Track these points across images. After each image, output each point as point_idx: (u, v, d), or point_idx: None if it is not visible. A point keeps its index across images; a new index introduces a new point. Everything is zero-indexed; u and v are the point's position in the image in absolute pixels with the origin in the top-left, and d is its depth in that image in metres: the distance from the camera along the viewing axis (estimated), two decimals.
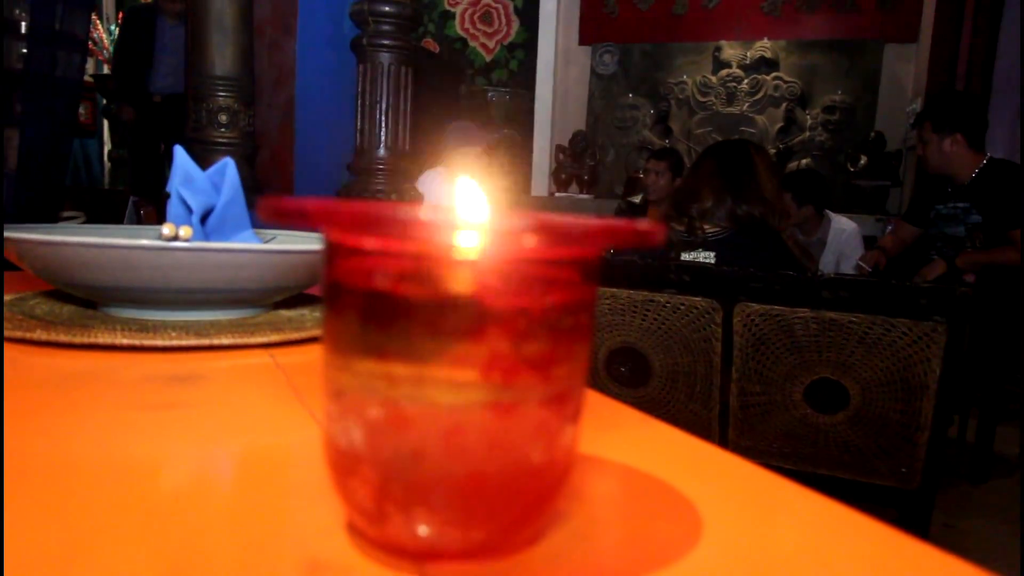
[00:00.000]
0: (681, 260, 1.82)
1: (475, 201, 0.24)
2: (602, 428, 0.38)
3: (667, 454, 0.35)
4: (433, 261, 0.20)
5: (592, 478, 0.30)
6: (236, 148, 2.26)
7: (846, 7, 4.73)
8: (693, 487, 0.29)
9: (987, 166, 2.60)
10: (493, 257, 0.20)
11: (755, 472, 0.32)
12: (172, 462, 0.32)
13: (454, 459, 0.21)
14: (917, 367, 1.62)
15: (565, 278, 0.21)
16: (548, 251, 0.21)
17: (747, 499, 0.30)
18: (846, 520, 0.28)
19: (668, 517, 0.27)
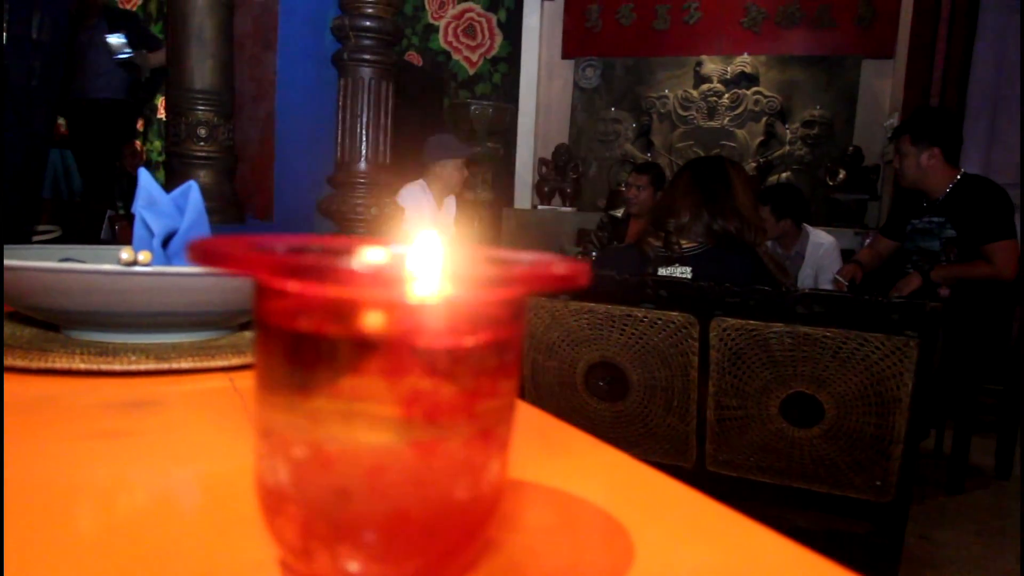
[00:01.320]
0: (658, 275, 1.84)
1: (421, 245, 0.24)
2: (542, 452, 0.38)
3: (604, 478, 0.35)
4: (354, 303, 0.20)
5: (527, 505, 0.30)
6: (215, 162, 2.26)
7: (824, 23, 4.80)
8: (628, 512, 0.30)
9: (961, 181, 2.64)
10: (415, 298, 0.20)
11: (690, 496, 0.33)
12: (116, 492, 0.32)
13: (378, 497, 0.21)
14: (890, 381, 1.64)
15: (489, 318, 0.22)
16: (471, 293, 0.21)
17: (681, 524, 0.31)
18: (774, 546, 0.28)
19: (601, 544, 0.28)
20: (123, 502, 0.31)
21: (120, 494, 0.32)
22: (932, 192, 2.68)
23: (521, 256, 0.26)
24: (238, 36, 2.34)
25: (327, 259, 0.22)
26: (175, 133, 2.24)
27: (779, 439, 1.79)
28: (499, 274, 0.21)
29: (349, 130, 2.50)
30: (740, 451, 1.85)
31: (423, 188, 3.23)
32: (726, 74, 4.86)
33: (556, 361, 1.96)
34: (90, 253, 0.69)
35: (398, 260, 0.25)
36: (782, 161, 4.76)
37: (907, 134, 2.70)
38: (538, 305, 1.92)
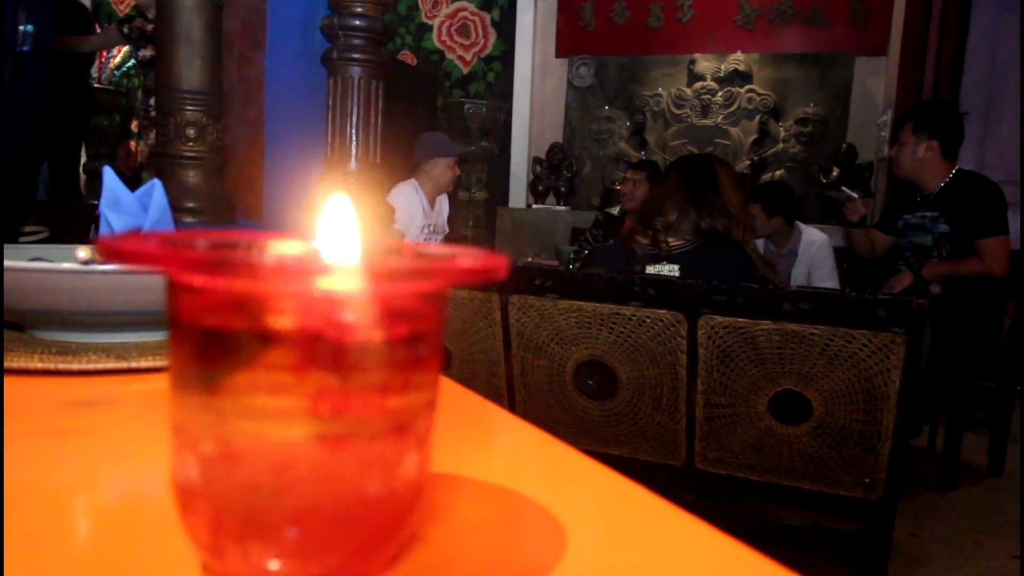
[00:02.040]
0: (646, 273, 1.84)
1: (333, 233, 0.24)
2: (479, 444, 0.38)
3: (541, 471, 0.35)
4: (259, 297, 0.20)
5: (458, 499, 0.30)
6: (204, 162, 2.25)
7: (818, 21, 4.80)
8: (563, 505, 0.30)
9: (956, 176, 2.64)
10: (321, 293, 0.20)
11: (623, 485, 0.33)
12: (58, 491, 0.32)
13: (287, 493, 0.21)
14: (877, 378, 1.64)
15: (400, 312, 0.22)
16: (379, 287, 0.21)
17: (613, 514, 0.30)
18: (708, 539, 0.28)
19: (533, 537, 0.27)
20: (63, 501, 0.31)
21: (61, 493, 0.31)
22: (926, 186, 2.69)
23: (437, 249, 0.25)
24: (227, 36, 2.34)
25: (233, 254, 0.22)
26: (163, 133, 2.23)
27: (768, 437, 1.79)
28: (407, 267, 0.21)
29: (339, 130, 2.49)
30: (729, 449, 1.85)
31: (415, 187, 3.23)
32: (719, 72, 4.86)
33: (545, 360, 1.96)
34: (67, 253, 0.68)
35: (306, 254, 0.25)
36: (776, 159, 4.76)
37: (911, 122, 2.71)
38: (527, 303, 1.92)
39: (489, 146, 5.34)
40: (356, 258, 0.23)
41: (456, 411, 0.46)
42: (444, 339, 0.25)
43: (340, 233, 0.24)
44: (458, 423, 0.43)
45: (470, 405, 0.47)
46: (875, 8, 4.66)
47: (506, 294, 1.93)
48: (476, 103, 5.25)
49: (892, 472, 1.71)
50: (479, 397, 0.49)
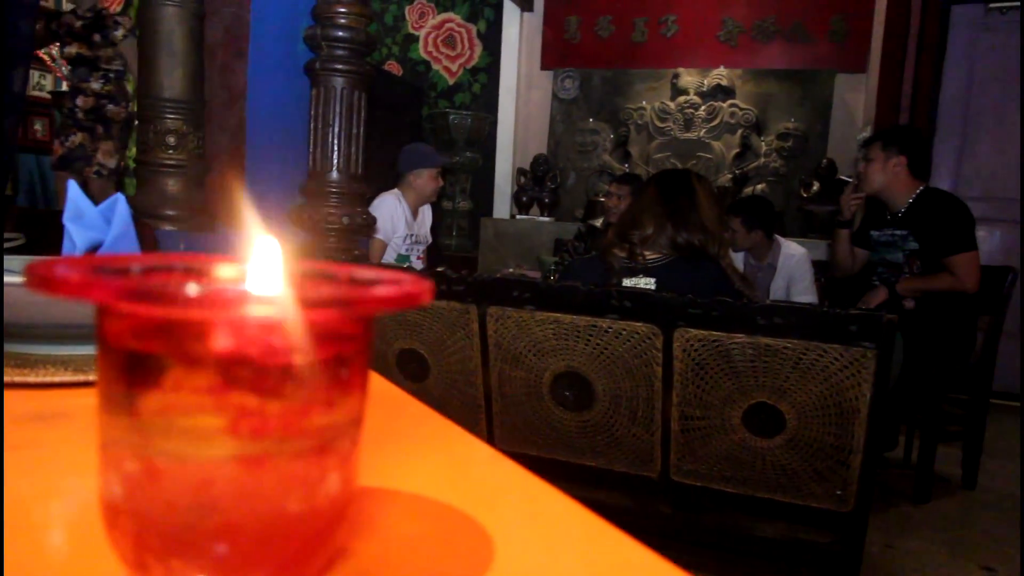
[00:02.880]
0: (623, 286, 1.85)
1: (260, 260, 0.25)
2: (416, 457, 0.39)
3: (475, 483, 0.36)
4: (180, 322, 0.21)
5: (390, 514, 0.31)
6: (185, 170, 2.25)
7: (799, 38, 4.87)
8: (493, 516, 0.30)
9: (922, 194, 2.69)
10: (241, 317, 0.21)
11: (551, 496, 0.34)
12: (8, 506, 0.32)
13: (207, 511, 0.22)
14: (849, 392, 1.66)
15: (320, 336, 0.23)
16: (297, 314, 0.22)
17: (545, 527, 0.31)
18: (634, 553, 0.29)
19: (460, 549, 0.28)
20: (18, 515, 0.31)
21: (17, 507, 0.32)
22: (894, 203, 2.73)
23: (365, 273, 0.26)
24: (209, 45, 2.34)
25: (154, 281, 0.22)
26: (144, 141, 2.23)
27: (742, 449, 1.81)
28: (326, 295, 0.22)
29: (321, 140, 2.50)
30: (704, 461, 1.86)
31: (398, 197, 3.24)
32: (702, 86, 4.91)
33: (523, 371, 1.97)
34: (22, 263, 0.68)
35: (228, 280, 0.25)
36: (757, 173, 4.81)
37: (880, 140, 2.76)
38: (504, 315, 1.93)
39: (474, 157, 5.37)
40: (276, 285, 0.24)
41: (399, 423, 0.47)
42: (370, 360, 0.26)
43: (268, 262, 0.25)
44: (399, 435, 0.44)
45: (415, 417, 0.48)
46: (855, 26, 4.73)
47: (484, 305, 1.94)
48: (461, 114, 5.27)
49: (863, 484, 1.73)
50: (426, 409, 0.50)
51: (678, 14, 5.06)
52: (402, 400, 0.52)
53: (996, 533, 2.42)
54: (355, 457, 0.25)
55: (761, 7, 4.92)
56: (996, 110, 4.32)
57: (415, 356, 2.10)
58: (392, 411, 0.50)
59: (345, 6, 2.43)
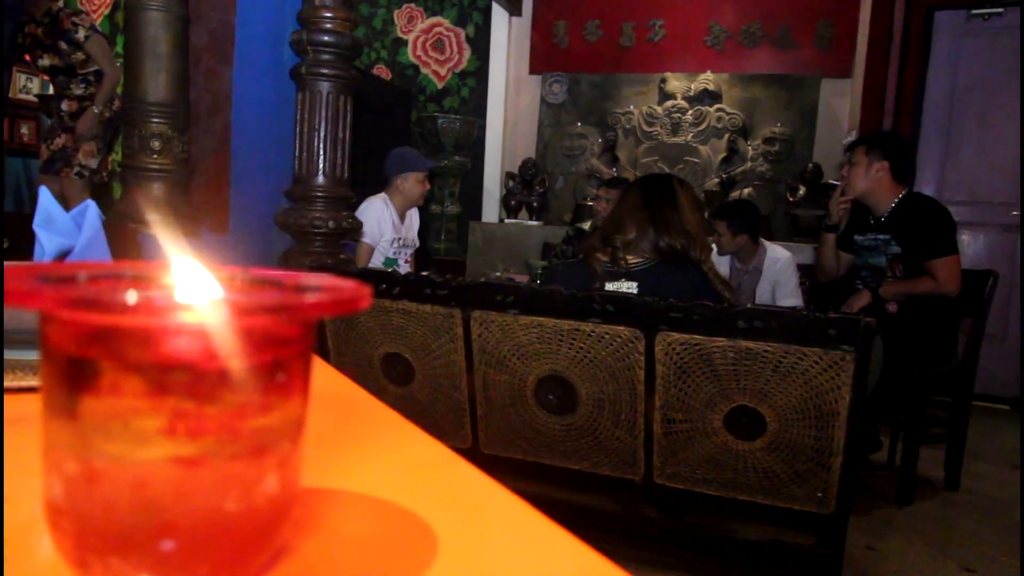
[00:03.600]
0: (605, 290, 1.86)
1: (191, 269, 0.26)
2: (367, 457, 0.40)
3: (424, 482, 0.37)
4: (116, 328, 0.22)
5: (335, 512, 0.32)
6: (169, 174, 2.25)
7: (785, 43, 4.91)
8: (437, 513, 0.31)
9: (904, 198, 2.71)
10: (177, 323, 0.22)
11: (501, 495, 0.35)
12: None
13: (144, 511, 0.22)
14: (828, 395, 1.68)
15: (256, 340, 0.23)
16: (232, 320, 0.23)
17: (487, 523, 0.32)
18: (565, 544, 0.30)
19: (403, 545, 0.29)
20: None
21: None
22: (877, 207, 2.75)
23: (305, 279, 0.27)
24: (194, 49, 2.34)
25: (97, 287, 0.23)
26: (129, 145, 2.23)
27: (724, 452, 1.82)
28: (261, 302, 0.23)
29: (307, 144, 2.51)
30: (687, 464, 1.87)
31: (385, 201, 3.25)
32: (690, 91, 4.94)
33: (507, 375, 1.97)
34: None
35: (169, 285, 0.26)
36: (744, 177, 4.84)
37: (863, 144, 2.79)
38: (488, 319, 1.94)
39: (462, 160, 5.37)
40: (212, 292, 0.25)
41: (356, 424, 0.48)
42: (310, 363, 0.27)
43: (207, 270, 0.25)
44: (355, 436, 0.44)
45: (373, 417, 0.49)
46: (840, 32, 4.78)
47: (468, 310, 1.95)
48: (450, 118, 5.28)
49: (844, 487, 1.75)
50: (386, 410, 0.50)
51: (665, 19, 5.10)
52: (362, 400, 0.53)
53: (978, 534, 2.44)
54: (296, 458, 0.26)
55: (747, 12, 4.96)
56: (979, 115, 4.36)
57: (400, 360, 2.10)
58: (350, 412, 0.51)
59: (331, 11, 2.43)
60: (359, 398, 0.53)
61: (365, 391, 0.56)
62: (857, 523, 2.43)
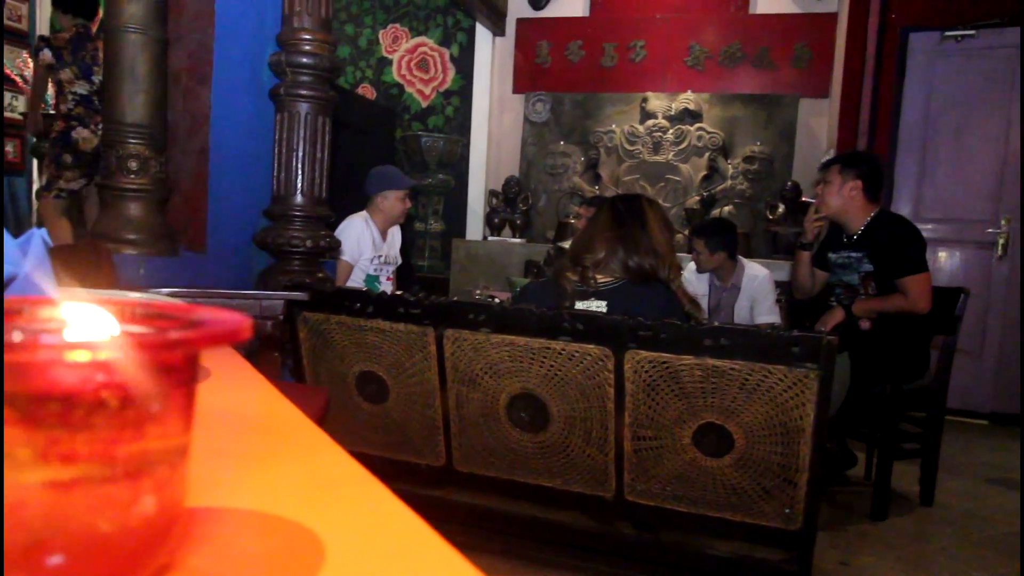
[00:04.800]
0: (575, 309, 1.89)
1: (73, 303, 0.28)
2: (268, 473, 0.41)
3: (317, 496, 0.39)
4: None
5: (226, 530, 0.33)
6: (147, 194, 2.27)
7: (764, 64, 4.99)
8: (329, 526, 0.33)
9: (876, 216, 2.76)
10: (51, 355, 0.24)
11: (399, 512, 0.36)
12: None
13: (20, 531, 0.24)
14: (794, 411, 1.71)
15: (133, 372, 0.25)
16: (106, 353, 0.25)
17: (380, 539, 0.34)
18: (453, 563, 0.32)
19: (289, 557, 0.31)
20: None
21: None
22: (849, 225, 2.80)
23: (193, 312, 0.29)
24: (173, 71, 2.36)
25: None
26: (106, 166, 2.25)
27: (693, 468, 1.84)
28: (137, 337, 0.25)
29: (285, 164, 2.53)
30: (657, 481, 1.89)
31: (366, 220, 3.27)
32: (671, 110, 5.00)
33: (480, 393, 1.99)
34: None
35: (50, 318, 0.28)
36: (724, 195, 4.90)
37: (838, 163, 2.83)
38: (461, 337, 1.96)
39: (446, 179, 5.41)
40: (90, 325, 0.27)
41: (269, 441, 0.49)
42: (192, 392, 0.29)
43: (88, 304, 0.27)
44: (264, 454, 0.46)
45: (289, 435, 0.51)
46: (818, 53, 4.86)
47: (441, 328, 1.97)
48: (433, 136, 5.33)
49: (810, 503, 1.77)
50: (308, 426, 0.52)
51: (646, 40, 5.17)
52: (287, 420, 0.55)
53: (951, 549, 2.46)
54: (176, 481, 0.28)
55: (727, 33, 5.04)
56: (954, 134, 4.44)
57: (374, 378, 2.12)
58: (272, 432, 0.53)
59: (310, 33, 2.46)
60: (285, 418, 0.55)
61: (299, 411, 0.57)
62: (831, 538, 2.45)
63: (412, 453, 2.14)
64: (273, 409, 0.57)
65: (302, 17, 2.47)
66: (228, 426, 0.52)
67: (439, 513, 2.22)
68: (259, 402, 0.60)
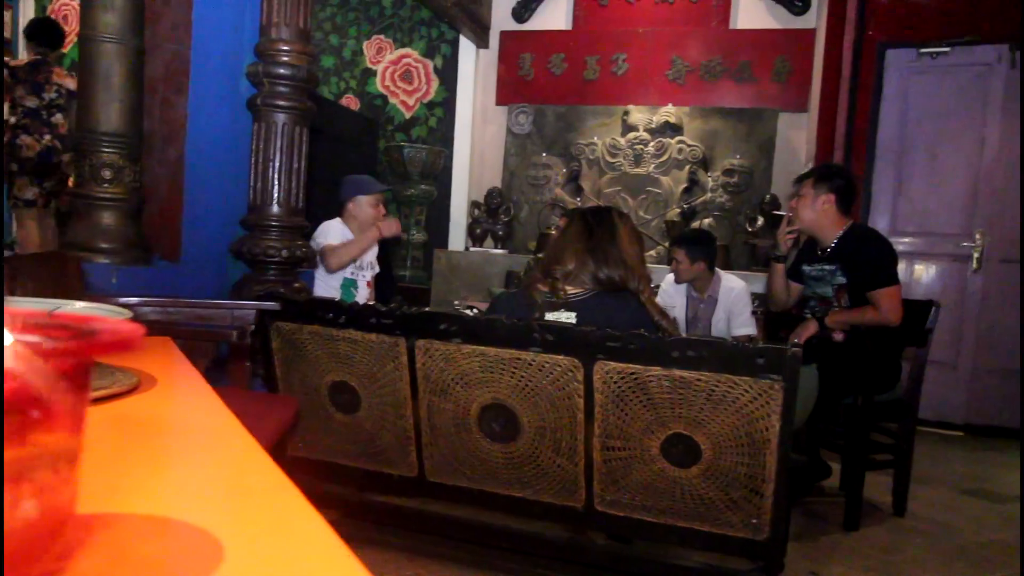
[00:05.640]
0: (545, 320, 1.90)
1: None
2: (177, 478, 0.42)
3: (227, 501, 0.40)
4: None
5: (123, 534, 0.34)
6: (120, 203, 2.27)
7: (745, 78, 5.05)
8: (233, 529, 0.34)
9: (849, 230, 2.80)
10: None
11: (297, 505, 0.37)
12: None
13: None
14: (759, 422, 1.72)
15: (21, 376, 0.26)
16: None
17: (276, 532, 0.35)
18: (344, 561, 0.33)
19: (185, 559, 0.32)
20: None
21: None
22: (823, 238, 2.83)
23: (89, 323, 0.30)
24: (149, 80, 2.37)
25: None
26: (79, 175, 2.25)
27: (661, 479, 1.86)
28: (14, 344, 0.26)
29: (262, 173, 2.53)
30: (626, 491, 1.90)
31: (342, 224, 3.29)
32: (652, 123, 5.05)
33: (451, 403, 2.00)
34: None
35: None
36: (704, 207, 4.94)
37: (812, 177, 2.87)
38: (432, 347, 1.97)
39: (429, 189, 5.43)
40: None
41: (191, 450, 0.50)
42: (82, 399, 0.30)
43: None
44: (181, 462, 0.47)
45: (212, 442, 0.52)
46: (797, 67, 4.92)
47: (412, 338, 1.98)
48: (416, 147, 5.34)
49: (777, 513, 1.79)
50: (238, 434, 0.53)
51: (628, 53, 5.22)
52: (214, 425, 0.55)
53: (921, 559, 2.48)
54: (63, 487, 0.29)
55: (708, 48, 5.10)
56: (928, 149, 4.50)
57: (346, 388, 2.12)
58: (193, 437, 0.53)
59: (287, 44, 2.48)
60: (217, 426, 0.56)
61: (235, 420, 0.58)
62: (803, 548, 2.46)
63: (384, 464, 2.14)
64: (208, 417, 0.58)
65: (280, 28, 2.48)
66: (155, 434, 0.53)
67: (412, 524, 2.22)
68: (196, 410, 0.61)
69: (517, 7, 5.41)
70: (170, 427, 0.57)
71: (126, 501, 0.37)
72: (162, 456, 0.49)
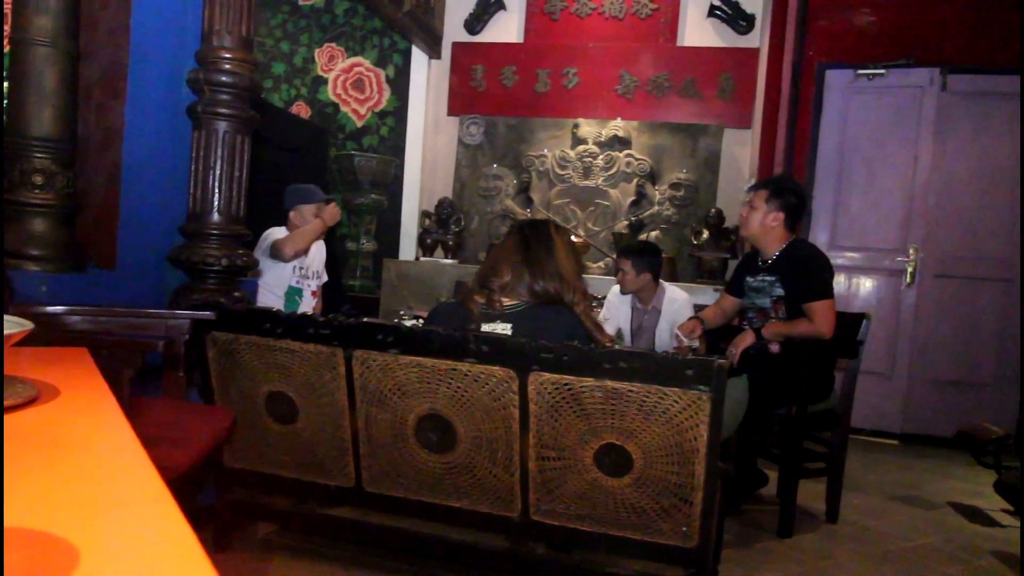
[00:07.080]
0: (480, 331, 1.92)
1: None
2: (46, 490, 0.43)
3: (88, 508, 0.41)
4: None
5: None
6: (52, 210, 2.22)
7: (691, 94, 5.16)
8: (91, 536, 0.35)
9: (790, 244, 2.88)
10: None
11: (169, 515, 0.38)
12: None
13: None
14: (688, 432, 1.77)
15: None
16: None
17: (139, 542, 0.36)
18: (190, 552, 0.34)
19: (36, 565, 0.33)
20: None
21: None
22: (765, 251, 2.91)
23: None
24: (85, 85, 2.33)
25: None
26: (9, 180, 2.19)
27: (595, 488, 1.89)
28: None
29: (202, 181, 2.50)
30: (561, 500, 1.93)
31: (285, 232, 3.28)
32: (601, 137, 5.12)
33: (388, 413, 2.00)
34: None
35: None
36: (652, 220, 5.02)
37: (767, 189, 2.91)
38: (369, 358, 1.97)
39: (379, 199, 5.41)
40: None
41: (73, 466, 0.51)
42: None
43: None
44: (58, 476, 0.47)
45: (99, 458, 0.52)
46: (741, 85, 5.06)
47: (350, 349, 1.97)
48: (367, 156, 5.33)
49: (705, 520, 1.83)
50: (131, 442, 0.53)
51: (579, 67, 5.29)
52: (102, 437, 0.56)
53: (850, 565, 2.56)
54: None
55: (656, 64, 5.20)
56: (866, 167, 4.66)
57: (284, 399, 2.10)
58: (74, 449, 0.54)
59: (229, 52, 2.46)
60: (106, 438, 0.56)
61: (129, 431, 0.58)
62: (737, 555, 2.52)
63: (321, 474, 2.13)
64: (102, 431, 0.58)
65: (222, 35, 2.46)
66: (42, 446, 0.53)
67: (349, 534, 2.21)
68: (92, 423, 0.61)
69: (469, 19, 5.44)
70: (60, 440, 0.57)
71: None
72: (43, 468, 0.49)
